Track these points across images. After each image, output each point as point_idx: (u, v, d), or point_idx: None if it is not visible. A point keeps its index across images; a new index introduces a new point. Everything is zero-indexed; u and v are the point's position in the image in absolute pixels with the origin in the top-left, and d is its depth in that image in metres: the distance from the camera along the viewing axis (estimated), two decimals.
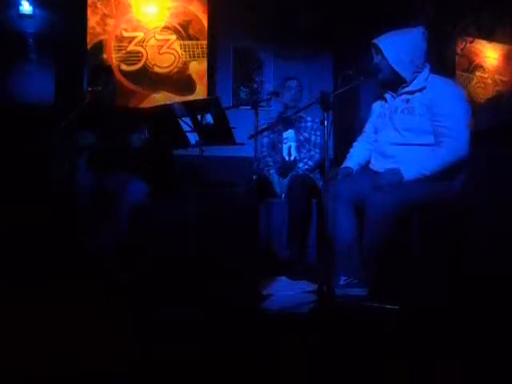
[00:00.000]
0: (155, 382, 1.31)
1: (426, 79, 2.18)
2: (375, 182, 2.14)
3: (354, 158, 2.49)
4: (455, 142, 2.08)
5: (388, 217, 2.04)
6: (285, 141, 3.20)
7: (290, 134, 3.19)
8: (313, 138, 3.12)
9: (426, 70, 2.20)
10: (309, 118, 3.16)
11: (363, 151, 2.49)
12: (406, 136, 2.18)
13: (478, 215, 2.63)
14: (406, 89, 2.21)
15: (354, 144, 2.56)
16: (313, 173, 3.04)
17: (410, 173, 2.10)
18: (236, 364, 1.41)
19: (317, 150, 3.09)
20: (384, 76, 2.22)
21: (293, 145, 3.16)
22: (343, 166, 2.48)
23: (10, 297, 2.11)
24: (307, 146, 3.12)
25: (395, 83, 2.23)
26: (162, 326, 1.73)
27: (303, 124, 3.16)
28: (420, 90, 2.18)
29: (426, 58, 2.20)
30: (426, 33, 2.19)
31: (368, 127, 2.52)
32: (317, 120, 3.13)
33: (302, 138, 3.13)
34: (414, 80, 2.19)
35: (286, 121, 3.20)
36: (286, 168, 3.12)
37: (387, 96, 2.31)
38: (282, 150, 3.19)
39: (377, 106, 2.44)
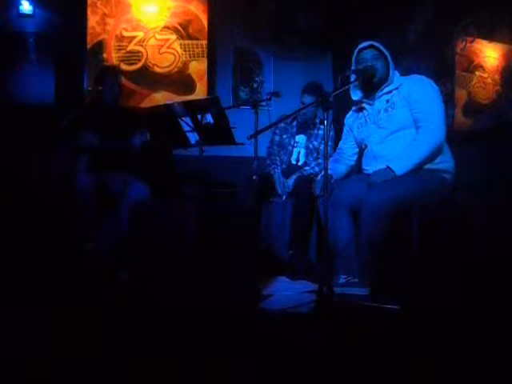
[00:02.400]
0: (155, 382, 1.31)
1: (400, 79, 2.31)
2: (369, 182, 2.20)
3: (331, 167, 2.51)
4: (432, 124, 2.18)
5: (384, 213, 2.08)
6: (295, 144, 3.18)
7: (301, 139, 3.17)
8: (322, 146, 3.10)
9: (398, 73, 2.33)
10: (322, 126, 3.14)
11: (339, 166, 2.52)
12: (392, 129, 2.26)
13: (477, 215, 2.63)
14: (385, 89, 2.29)
15: (330, 159, 2.57)
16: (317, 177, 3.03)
17: (401, 167, 2.16)
18: (236, 364, 1.41)
19: None
20: (380, 77, 2.28)
21: (302, 151, 3.15)
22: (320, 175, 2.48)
23: (10, 297, 2.11)
24: (316, 154, 3.11)
25: (379, 86, 2.30)
26: (162, 325, 1.73)
27: (315, 131, 3.13)
28: (397, 88, 2.28)
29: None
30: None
31: (342, 143, 2.57)
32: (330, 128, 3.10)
33: (311, 146, 3.11)
34: (392, 81, 2.29)
35: (300, 125, 3.19)
36: (291, 170, 3.12)
37: (365, 106, 2.38)
38: (291, 152, 3.18)
39: (352, 119, 2.50)
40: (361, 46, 2.31)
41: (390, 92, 2.28)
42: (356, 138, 2.48)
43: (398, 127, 2.24)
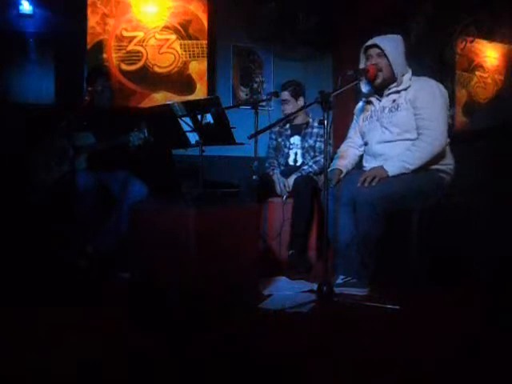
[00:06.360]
0: (155, 382, 1.31)
1: (410, 79, 2.29)
2: (361, 180, 2.20)
3: (341, 160, 2.52)
4: (433, 133, 2.18)
5: (375, 211, 2.09)
6: (291, 146, 3.21)
7: (296, 140, 3.20)
8: (318, 144, 3.12)
9: (410, 72, 2.32)
10: (315, 124, 3.15)
11: (350, 155, 2.54)
12: (394, 131, 2.27)
13: (476, 215, 2.63)
14: (394, 89, 2.30)
15: (339, 150, 2.61)
16: (317, 176, 3.04)
17: (393, 168, 2.18)
18: (236, 364, 1.41)
19: (322, 156, 3.08)
20: (383, 76, 2.27)
21: (299, 152, 3.17)
22: (330, 168, 2.49)
23: (10, 297, 2.11)
24: (312, 152, 3.12)
25: (387, 84, 2.31)
26: (162, 325, 1.73)
27: (309, 130, 3.15)
28: (405, 89, 2.28)
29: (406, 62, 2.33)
30: (403, 40, 2.33)
31: (351, 132, 2.60)
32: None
33: (306, 144, 3.13)
34: (401, 81, 2.29)
35: (293, 127, 3.21)
36: (289, 171, 3.12)
37: (373, 100, 2.40)
38: (288, 154, 3.21)
39: (360, 111, 2.53)
40: (367, 44, 2.31)
41: (398, 92, 2.28)
42: (360, 130, 2.50)
43: (399, 130, 2.25)
